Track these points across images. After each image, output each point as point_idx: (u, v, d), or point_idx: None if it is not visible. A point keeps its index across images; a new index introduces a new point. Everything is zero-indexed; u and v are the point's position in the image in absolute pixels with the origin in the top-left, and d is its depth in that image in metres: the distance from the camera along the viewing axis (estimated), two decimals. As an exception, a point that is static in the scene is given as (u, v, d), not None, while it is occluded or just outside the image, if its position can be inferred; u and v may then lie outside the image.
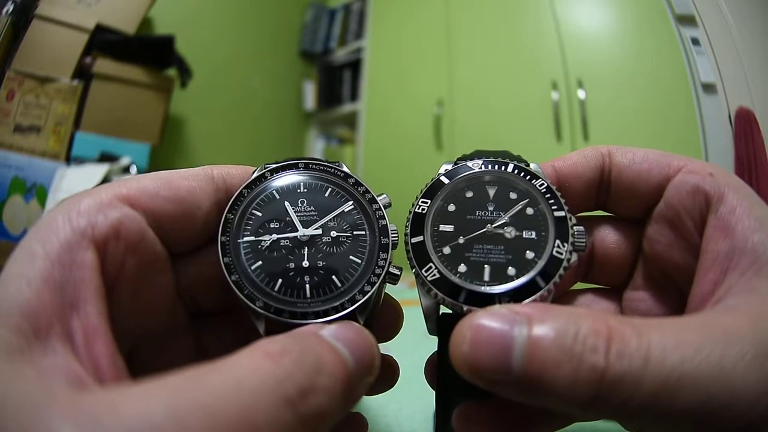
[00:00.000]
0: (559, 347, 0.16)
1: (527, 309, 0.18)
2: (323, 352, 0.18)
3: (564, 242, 0.23)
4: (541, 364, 0.16)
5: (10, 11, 0.99)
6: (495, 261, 0.24)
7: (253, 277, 0.23)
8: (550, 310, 0.18)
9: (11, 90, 1.02)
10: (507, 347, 0.17)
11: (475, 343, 0.18)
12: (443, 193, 0.26)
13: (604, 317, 0.17)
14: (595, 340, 0.16)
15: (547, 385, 0.16)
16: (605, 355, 0.16)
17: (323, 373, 0.17)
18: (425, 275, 0.24)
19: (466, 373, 0.18)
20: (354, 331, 0.20)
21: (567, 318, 0.17)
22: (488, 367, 0.17)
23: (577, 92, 1.34)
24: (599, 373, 0.16)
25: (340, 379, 0.17)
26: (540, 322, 0.17)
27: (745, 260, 0.19)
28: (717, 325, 0.17)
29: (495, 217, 0.25)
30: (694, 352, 0.16)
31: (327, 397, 0.16)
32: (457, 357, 0.18)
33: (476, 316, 0.18)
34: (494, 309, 0.19)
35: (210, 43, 1.79)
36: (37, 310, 0.17)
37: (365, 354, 0.19)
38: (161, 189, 0.22)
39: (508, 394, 0.18)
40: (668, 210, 0.24)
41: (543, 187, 0.25)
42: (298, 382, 0.15)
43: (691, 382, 0.15)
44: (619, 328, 0.17)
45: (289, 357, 0.16)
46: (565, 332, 0.17)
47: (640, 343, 0.16)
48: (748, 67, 0.92)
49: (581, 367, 0.16)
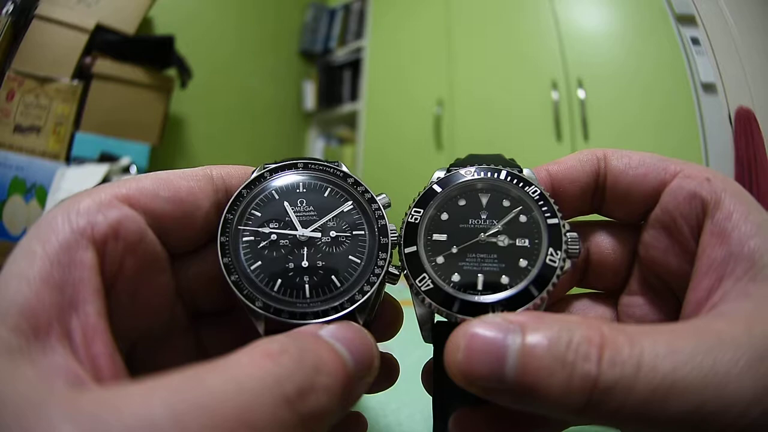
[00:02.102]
0: (552, 355, 0.17)
1: (520, 318, 0.18)
2: (322, 351, 0.18)
3: (557, 250, 0.23)
4: (534, 372, 0.17)
5: (10, 11, 0.99)
6: (488, 270, 0.24)
7: (252, 278, 0.23)
8: (543, 318, 0.18)
9: (11, 90, 1.02)
10: (501, 356, 0.17)
11: (469, 351, 0.18)
12: (436, 202, 0.26)
13: (598, 325, 0.17)
14: (587, 348, 0.16)
15: (540, 392, 0.17)
16: (597, 363, 0.16)
17: (322, 372, 0.17)
18: (419, 285, 0.24)
19: (460, 381, 0.18)
20: (353, 331, 0.20)
21: (560, 326, 0.17)
22: (482, 376, 0.18)
23: (577, 92, 1.35)
24: (591, 381, 0.16)
25: (340, 378, 0.17)
26: (533, 330, 0.17)
27: (740, 266, 0.19)
28: (710, 331, 0.17)
29: (488, 225, 0.25)
30: (686, 359, 0.16)
31: (326, 397, 0.16)
32: (451, 365, 0.18)
33: (470, 324, 0.18)
34: (488, 318, 0.19)
35: (210, 43, 1.79)
36: (37, 310, 0.17)
37: (364, 354, 0.19)
38: (161, 189, 0.22)
39: (502, 401, 0.18)
40: (664, 215, 0.24)
41: (536, 195, 0.25)
42: (298, 382, 0.16)
43: (682, 389, 0.15)
44: (611, 335, 0.17)
45: (288, 356, 0.16)
46: (558, 340, 0.17)
47: (632, 351, 0.16)
48: (748, 67, 0.92)
49: (574, 375, 0.16)
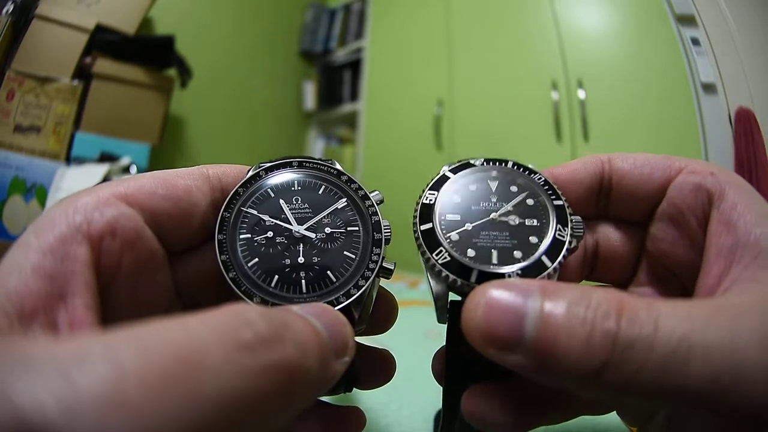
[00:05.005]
0: (573, 315, 0.17)
1: (540, 282, 0.18)
2: (292, 316, 0.17)
3: (565, 227, 0.25)
4: (554, 331, 0.16)
5: (10, 11, 0.99)
6: (501, 246, 0.25)
7: (249, 274, 0.23)
8: (562, 284, 0.18)
9: (11, 90, 1.03)
10: (520, 316, 0.17)
11: (488, 309, 0.18)
12: (449, 186, 0.27)
13: (615, 291, 0.18)
14: (607, 307, 0.16)
15: (560, 352, 0.16)
16: (617, 321, 0.16)
17: (292, 330, 0.16)
18: (436, 258, 0.24)
19: (478, 341, 0.18)
20: (323, 308, 0.20)
21: (579, 290, 0.17)
22: (501, 335, 0.17)
23: (577, 92, 1.35)
24: (611, 338, 0.16)
25: (312, 338, 0.17)
26: (552, 293, 0.17)
27: (748, 253, 0.20)
28: (726, 304, 0.17)
29: (499, 207, 0.26)
30: (703, 325, 0.16)
31: (296, 350, 0.16)
32: (469, 324, 0.18)
33: (491, 285, 0.18)
34: (509, 280, 0.19)
35: (210, 43, 1.80)
36: (23, 296, 0.17)
37: (337, 327, 0.19)
38: (158, 187, 0.22)
39: (519, 366, 0.18)
40: (671, 208, 0.24)
41: (541, 180, 0.26)
42: (260, 331, 0.15)
43: (701, 353, 0.15)
44: (629, 299, 0.17)
45: (253, 311, 0.16)
46: (578, 302, 0.17)
47: (650, 314, 0.16)
48: (748, 67, 0.92)
49: (594, 332, 0.16)
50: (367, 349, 0.27)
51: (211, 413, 0.13)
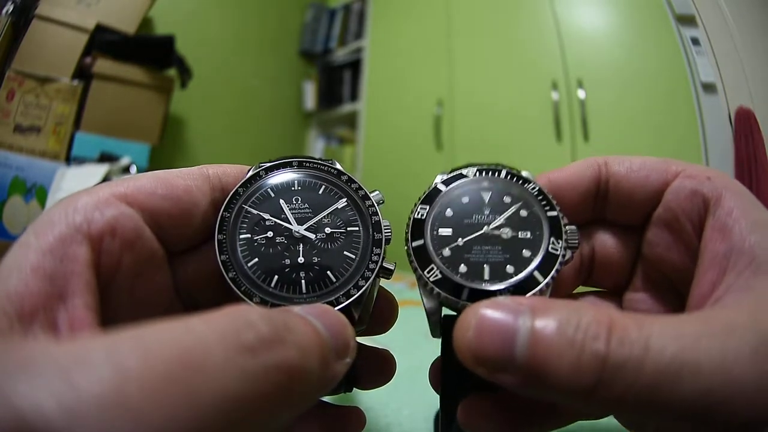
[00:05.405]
0: (562, 336, 0.17)
1: (530, 300, 0.18)
2: (294, 318, 0.17)
3: (558, 239, 0.24)
4: (544, 352, 0.17)
5: (10, 11, 0.99)
6: (494, 260, 0.24)
7: (249, 274, 0.23)
8: (551, 302, 0.18)
9: (11, 90, 1.03)
10: (511, 335, 0.17)
11: (479, 329, 0.18)
12: (441, 199, 0.26)
13: (606, 310, 0.17)
14: (596, 328, 0.16)
15: (550, 373, 0.16)
16: (606, 343, 0.16)
17: (294, 332, 0.16)
18: (427, 276, 0.24)
19: (469, 361, 0.18)
20: (324, 309, 0.20)
21: (569, 309, 0.17)
22: (492, 355, 0.17)
23: (577, 92, 1.35)
24: (601, 359, 0.16)
25: (313, 339, 0.17)
26: (543, 312, 0.17)
27: (742, 261, 0.20)
28: (717, 319, 0.17)
29: (491, 219, 0.26)
30: (693, 343, 0.16)
31: (298, 352, 0.16)
32: (461, 344, 0.18)
33: (481, 305, 0.18)
34: (498, 299, 0.19)
35: (210, 43, 1.80)
36: (23, 296, 0.17)
37: (338, 328, 0.19)
38: (158, 187, 0.22)
39: (510, 384, 0.18)
40: (667, 213, 0.24)
41: (535, 191, 0.26)
42: (262, 333, 0.15)
43: (691, 372, 0.15)
44: (619, 319, 0.17)
45: (255, 312, 0.16)
46: (567, 322, 0.17)
47: (641, 334, 0.16)
48: (748, 67, 0.92)
49: (583, 354, 0.16)
50: (368, 349, 0.27)
51: (213, 415, 0.13)
